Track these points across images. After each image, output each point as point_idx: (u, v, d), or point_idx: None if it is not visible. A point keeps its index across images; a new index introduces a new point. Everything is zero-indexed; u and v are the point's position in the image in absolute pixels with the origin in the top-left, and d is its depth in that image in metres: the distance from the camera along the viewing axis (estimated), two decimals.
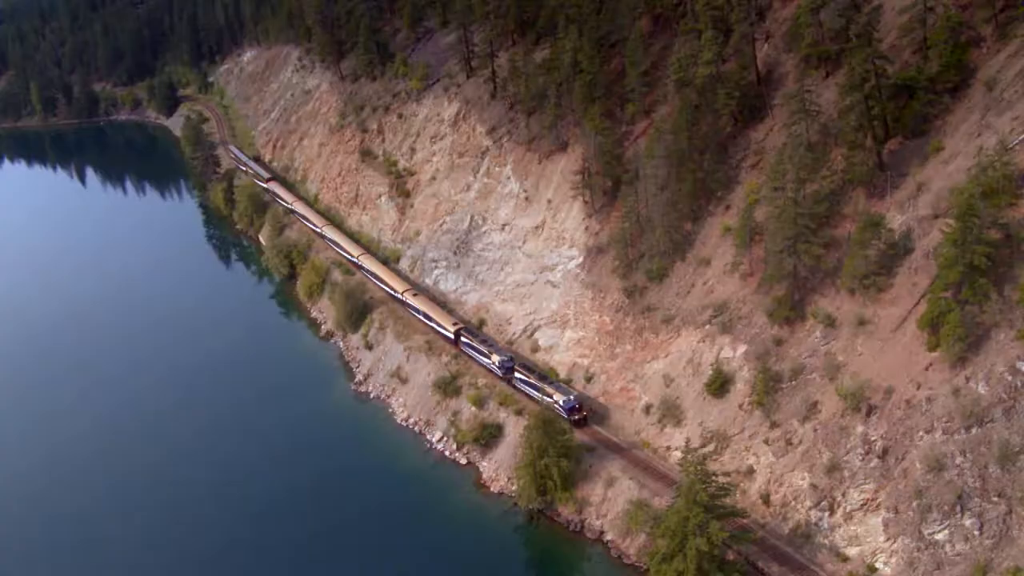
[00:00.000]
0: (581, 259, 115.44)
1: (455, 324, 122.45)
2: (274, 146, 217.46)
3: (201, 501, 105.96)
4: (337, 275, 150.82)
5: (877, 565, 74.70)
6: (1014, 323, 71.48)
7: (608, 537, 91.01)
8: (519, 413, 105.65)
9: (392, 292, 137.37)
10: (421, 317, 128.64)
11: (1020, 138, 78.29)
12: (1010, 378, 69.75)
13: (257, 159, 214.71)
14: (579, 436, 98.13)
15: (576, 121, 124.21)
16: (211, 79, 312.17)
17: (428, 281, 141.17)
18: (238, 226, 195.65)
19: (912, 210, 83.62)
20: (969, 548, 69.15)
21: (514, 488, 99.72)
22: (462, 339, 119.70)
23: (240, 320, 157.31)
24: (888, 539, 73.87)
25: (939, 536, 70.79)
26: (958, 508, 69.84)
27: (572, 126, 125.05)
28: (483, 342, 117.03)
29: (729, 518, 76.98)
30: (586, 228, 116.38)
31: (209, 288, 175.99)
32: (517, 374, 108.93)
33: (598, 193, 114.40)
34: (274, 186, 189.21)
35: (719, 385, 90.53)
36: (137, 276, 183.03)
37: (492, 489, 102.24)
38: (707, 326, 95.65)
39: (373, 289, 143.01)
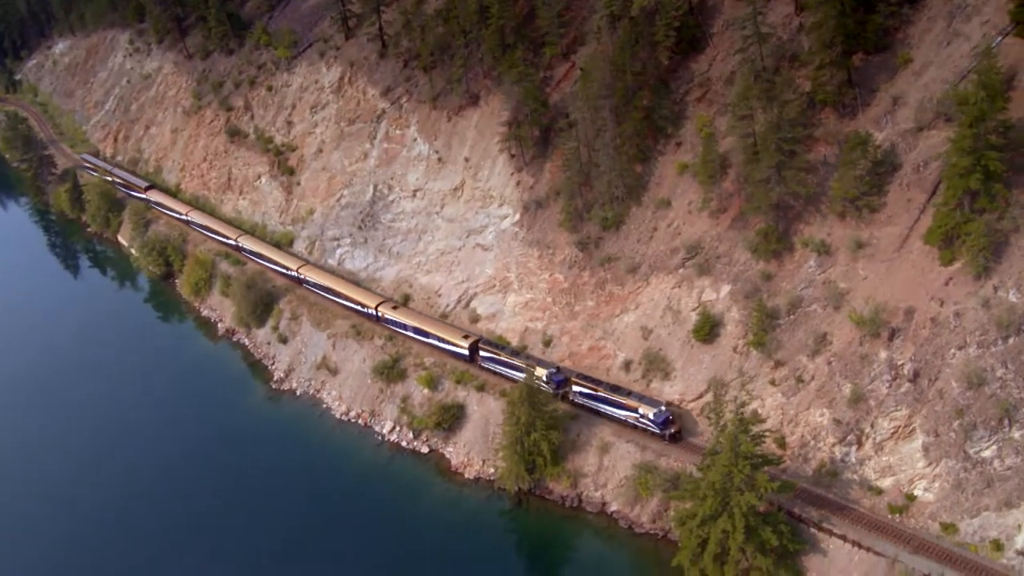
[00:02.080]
0: (517, 216, 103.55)
1: (467, 337, 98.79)
2: (115, 139, 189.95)
3: (134, 537, 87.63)
4: (226, 267, 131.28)
5: (916, 493, 68.93)
6: None
7: (613, 508, 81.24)
8: (481, 389, 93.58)
9: (361, 308, 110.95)
10: (411, 334, 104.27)
11: (999, 40, 73.63)
12: None
13: (96, 153, 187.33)
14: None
15: (486, 72, 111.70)
16: (18, 77, 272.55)
17: (331, 261, 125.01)
18: (90, 228, 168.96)
19: (891, 125, 77.61)
20: (1021, 461, 64.23)
21: (493, 471, 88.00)
22: (481, 354, 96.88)
23: (116, 331, 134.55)
24: (929, 464, 67.98)
25: (986, 453, 65.50)
26: (1005, 422, 64.63)
27: (481, 78, 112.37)
28: (513, 354, 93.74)
29: (764, 467, 68.68)
30: (517, 183, 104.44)
31: (68, 300, 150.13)
32: (575, 387, 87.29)
33: (528, 144, 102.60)
34: (156, 195, 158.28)
35: (708, 330, 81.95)
36: None
37: (467, 475, 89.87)
38: (681, 270, 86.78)
39: (274, 277, 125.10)
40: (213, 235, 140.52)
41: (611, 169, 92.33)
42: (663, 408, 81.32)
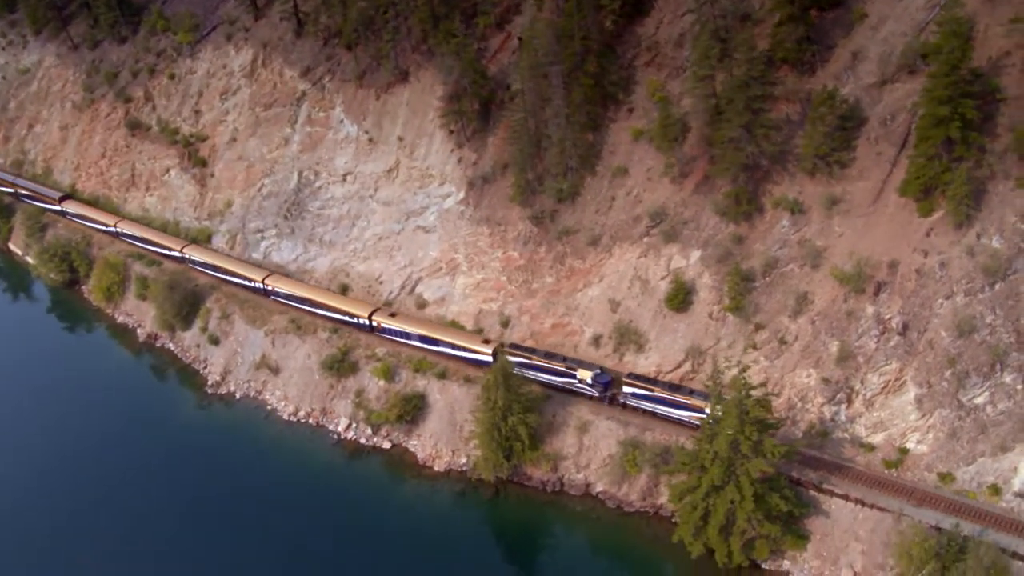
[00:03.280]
0: (461, 194, 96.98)
1: (489, 342, 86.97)
2: None
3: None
4: (141, 268, 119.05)
5: (908, 446, 67.37)
6: (1009, 172, 65.54)
7: (598, 489, 76.72)
8: (442, 376, 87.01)
9: (350, 320, 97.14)
10: (416, 343, 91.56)
11: None
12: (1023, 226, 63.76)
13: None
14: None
15: (415, 46, 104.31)
16: None
17: (256, 255, 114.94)
18: None
19: (854, 80, 75.35)
20: (1013, 404, 63.41)
21: (465, 461, 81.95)
22: (508, 359, 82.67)
23: (18, 347, 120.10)
24: (922, 415, 66.37)
25: (979, 400, 64.36)
26: (997, 367, 63.53)
27: (411, 52, 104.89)
28: (548, 357, 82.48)
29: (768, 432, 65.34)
30: (459, 160, 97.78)
31: None
32: (627, 388, 77.34)
33: (470, 118, 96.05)
34: (73, 206, 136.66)
35: (681, 298, 77.97)
36: None
37: (436, 468, 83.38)
38: (646, 238, 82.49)
39: (197, 275, 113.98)
40: (153, 248, 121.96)
41: (562, 139, 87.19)
42: None
